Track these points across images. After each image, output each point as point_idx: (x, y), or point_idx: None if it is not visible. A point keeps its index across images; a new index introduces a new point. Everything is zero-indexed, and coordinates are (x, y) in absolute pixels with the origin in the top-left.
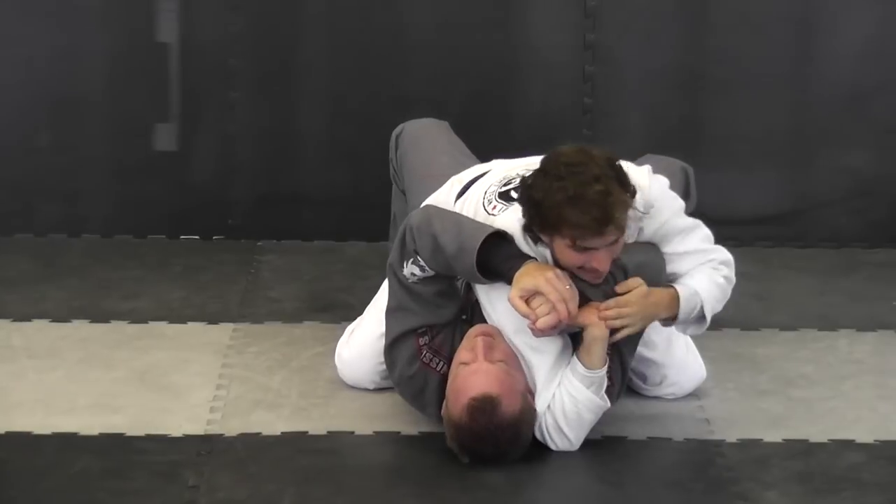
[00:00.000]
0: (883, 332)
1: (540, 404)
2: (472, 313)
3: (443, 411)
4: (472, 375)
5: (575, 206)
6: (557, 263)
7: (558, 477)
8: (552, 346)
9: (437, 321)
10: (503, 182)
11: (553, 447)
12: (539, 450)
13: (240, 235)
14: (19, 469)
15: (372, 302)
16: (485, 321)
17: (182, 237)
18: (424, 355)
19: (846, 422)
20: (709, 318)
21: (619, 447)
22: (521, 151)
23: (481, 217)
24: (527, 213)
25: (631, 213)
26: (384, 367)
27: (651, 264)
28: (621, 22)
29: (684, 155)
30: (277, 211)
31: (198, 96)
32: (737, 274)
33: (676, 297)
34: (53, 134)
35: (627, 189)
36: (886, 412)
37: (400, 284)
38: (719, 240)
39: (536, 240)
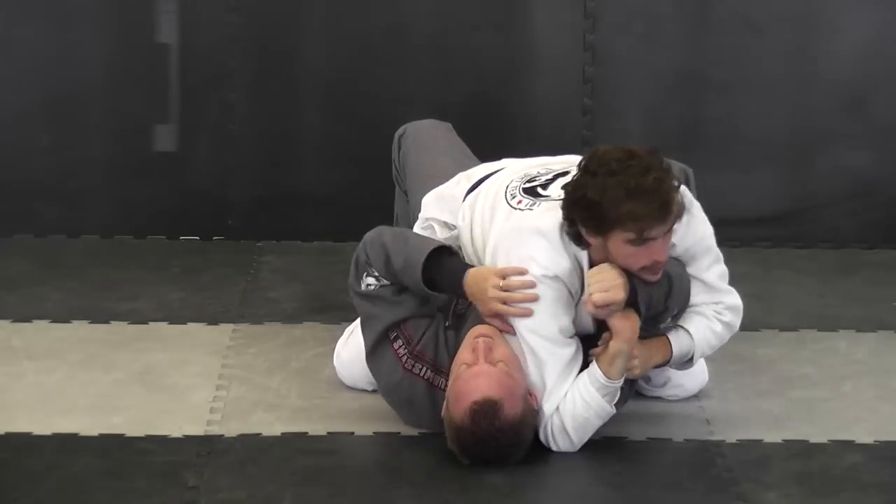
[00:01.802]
0: (882, 332)
1: (549, 405)
2: (459, 323)
3: (443, 413)
4: (474, 378)
5: (636, 198)
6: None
7: (558, 477)
8: (567, 348)
9: (399, 317)
10: (525, 179)
11: (554, 448)
12: (539, 450)
13: (239, 236)
14: (19, 470)
15: None
16: (472, 327)
17: (182, 238)
18: (406, 362)
19: (846, 422)
20: (695, 363)
21: (619, 448)
22: (521, 152)
23: (503, 210)
24: (580, 215)
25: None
26: None
27: (686, 277)
28: (621, 23)
29: (684, 155)
30: (277, 212)
31: (197, 97)
32: (737, 274)
33: (669, 344)
34: (53, 135)
35: (674, 177)
36: (886, 413)
37: (361, 298)
38: (719, 240)
39: (578, 241)
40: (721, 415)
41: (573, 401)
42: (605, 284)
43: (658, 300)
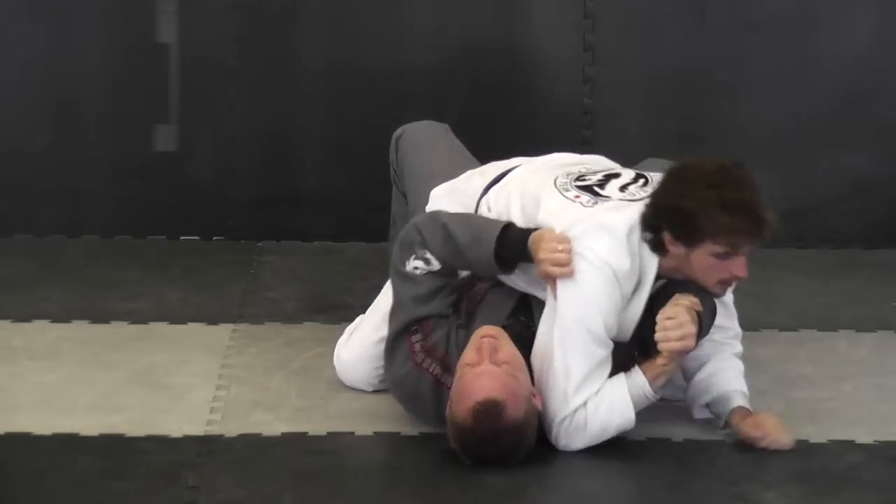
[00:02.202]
0: (882, 332)
1: (577, 398)
2: (469, 321)
3: (447, 412)
4: (478, 379)
5: (735, 213)
6: (667, 273)
7: (559, 478)
8: (603, 349)
9: (426, 313)
10: (573, 176)
11: (559, 444)
12: (539, 450)
13: (239, 236)
14: (19, 470)
15: (373, 305)
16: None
17: (182, 238)
18: (417, 354)
19: (846, 422)
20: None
21: (619, 447)
22: (521, 152)
23: (556, 201)
24: (669, 222)
25: None
26: (382, 370)
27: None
28: (621, 23)
29: (684, 155)
30: (277, 212)
31: (197, 97)
32: None
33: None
34: (53, 135)
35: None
36: (886, 413)
37: (402, 279)
38: None
39: (657, 247)
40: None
41: (604, 402)
42: (681, 333)
43: (708, 328)
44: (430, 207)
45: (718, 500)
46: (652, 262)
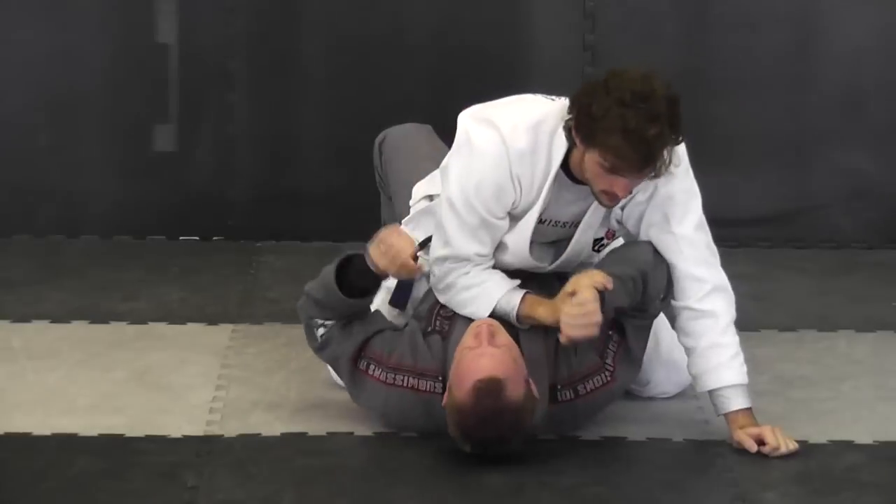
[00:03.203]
0: (882, 332)
1: (443, 251)
2: (446, 325)
3: (445, 399)
4: (479, 358)
5: (628, 139)
6: (566, 165)
7: (558, 478)
8: (483, 231)
9: (357, 344)
10: None
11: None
12: (537, 450)
13: (239, 236)
14: (18, 470)
15: None
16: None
17: (181, 238)
18: (386, 378)
19: (845, 423)
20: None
21: (618, 448)
22: None
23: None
24: (576, 118)
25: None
26: None
27: (663, 267)
28: (620, 23)
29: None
30: (276, 212)
31: (197, 97)
32: (736, 275)
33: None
34: (52, 135)
35: (677, 135)
36: (886, 413)
37: (320, 350)
38: (718, 240)
39: (569, 136)
40: None
41: (475, 288)
42: (585, 321)
43: (626, 304)
44: (412, 202)
45: (718, 500)
46: (561, 148)
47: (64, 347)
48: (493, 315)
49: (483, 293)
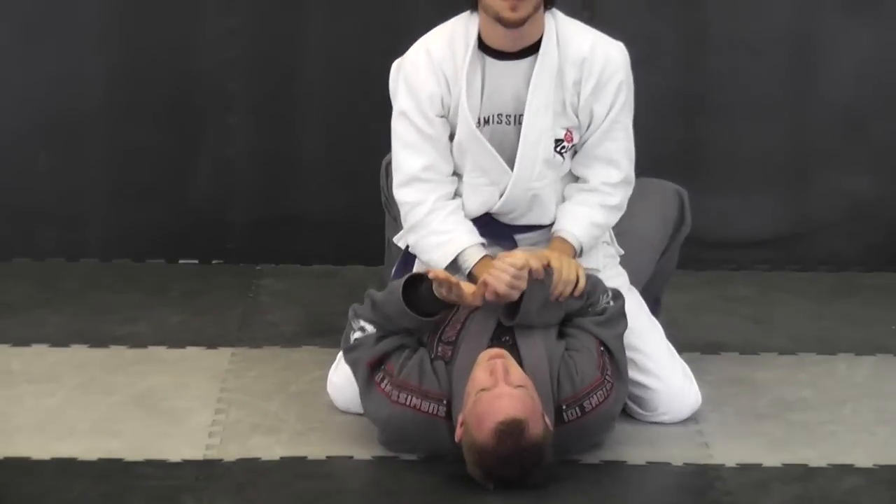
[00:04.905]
0: (882, 355)
1: (401, 180)
2: (449, 351)
3: (461, 438)
4: (497, 400)
5: None
6: (486, 30)
7: (558, 501)
8: (429, 127)
9: (378, 353)
10: None
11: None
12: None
13: (238, 259)
14: (18, 494)
15: None
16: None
17: (181, 261)
18: (391, 394)
19: (845, 446)
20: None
21: (618, 471)
22: None
23: None
24: None
25: None
26: None
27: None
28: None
29: (681, 178)
30: (276, 235)
31: (197, 120)
32: (736, 297)
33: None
34: (52, 158)
35: None
36: (885, 436)
37: (348, 351)
38: (718, 263)
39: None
40: (720, 438)
41: (437, 231)
42: (510, 282)
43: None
44: None
45: None
46: (474, 24)
47: (63, 371)
48: (451, 265)
49: (449, 241)
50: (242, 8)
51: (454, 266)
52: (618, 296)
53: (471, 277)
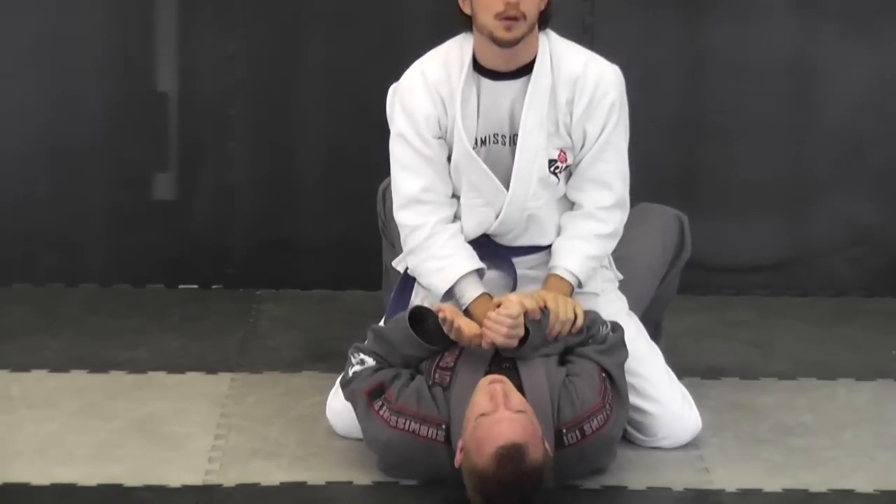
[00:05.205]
0: (882, 381)
1: (401, 203)
2: (447, 377)
3: (461, 463)
4: (497, 425)
5: None
6: (481, 49)
7: None
8: (428, 148)
9: (375, 383)
10: None
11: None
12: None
13: (238, 284)
14: None
15: None
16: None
17: (181, 286)
18: (389, 419)
19: (846, 471)
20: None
21: (619, 497)
22: None
23: None
24: None
25: None
26: None
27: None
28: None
29: (681, 203)
30: (276, 260)
31: (196, 145)
32: (735, 322)
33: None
34: (52, 183)
35: None
36: (886, 461)
37: (345, 384)
38: (717, 288)
39: (463, 21)
40: (720, 463)
41: (436, 255)
42: (507, 332)
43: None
44: None
45: None
46: (468, 44)
47: (63, 396)
48: (448, 292)
49: (449, 267)
50: (241, 34)
51: (452, 293)
52: (617, 328)
53: (467, 313)
